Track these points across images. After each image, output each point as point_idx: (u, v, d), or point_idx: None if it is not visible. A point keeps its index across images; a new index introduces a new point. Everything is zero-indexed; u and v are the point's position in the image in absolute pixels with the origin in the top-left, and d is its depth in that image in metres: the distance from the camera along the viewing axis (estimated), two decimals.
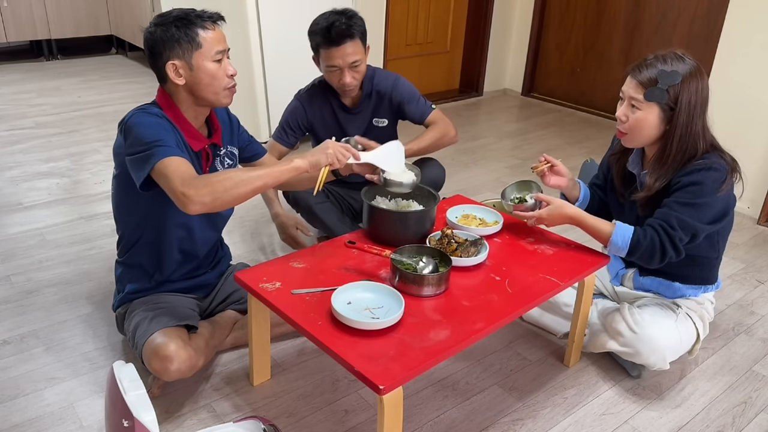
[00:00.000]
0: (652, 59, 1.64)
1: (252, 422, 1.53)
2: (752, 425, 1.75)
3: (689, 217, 1.62)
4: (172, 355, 1.58)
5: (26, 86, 4.89)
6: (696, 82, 1.61)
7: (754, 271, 2.58)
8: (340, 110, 2.37)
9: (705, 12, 3.95)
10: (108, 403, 1.45)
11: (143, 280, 1.79)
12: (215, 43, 1.59)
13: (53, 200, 2.94)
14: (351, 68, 2.18)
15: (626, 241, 1.66)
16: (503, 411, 1.76)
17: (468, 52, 5.15)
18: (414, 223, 1.78)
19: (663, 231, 1.63)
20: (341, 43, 2.12)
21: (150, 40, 1.58)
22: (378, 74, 2.37)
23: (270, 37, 3.32)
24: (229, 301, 1.95)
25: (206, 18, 1.59)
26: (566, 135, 4.32)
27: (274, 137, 2.40)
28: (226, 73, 1.62)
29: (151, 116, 1.57)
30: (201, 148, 1.69)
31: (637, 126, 1.66)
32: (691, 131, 1.64)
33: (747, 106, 2.96)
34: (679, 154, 1.66)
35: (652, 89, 1.61)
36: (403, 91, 2.36)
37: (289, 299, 1.52)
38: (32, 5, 5.36)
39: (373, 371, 1.28)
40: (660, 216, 1.65)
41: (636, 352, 1.77)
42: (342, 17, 2.13)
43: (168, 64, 1.57)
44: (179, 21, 1.56)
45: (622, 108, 1.69)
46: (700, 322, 1.85)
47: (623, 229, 1.67)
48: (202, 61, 1.58)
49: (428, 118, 2.37)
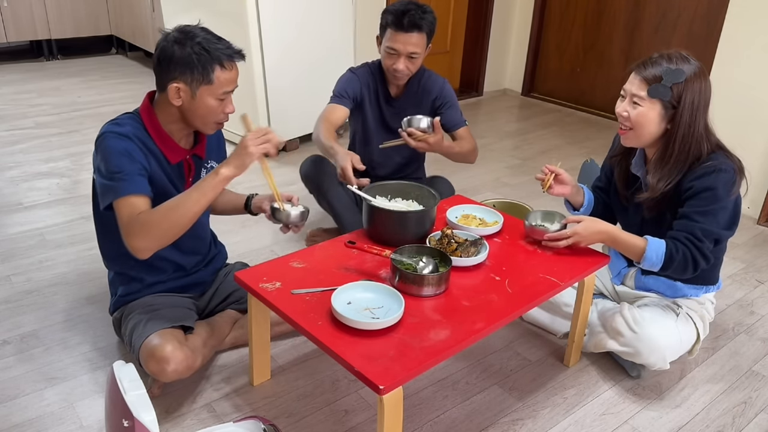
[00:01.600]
0: (657, 57, 1.64)
1: (252, 422, 1.53)
2: (752, 425, 1.75)
3: (710, 225, 1.63)
4: (168, 356, 1.58)
5: (26, 86, 4.89)
6: (699, 82, 1.62)
7: (754, 271, 2.58)
8: (383, 98, 2.43)
9: (705, 12, 3.95)
10: (108, 403, 1.45)
11: (133, 284, 1.79)
12: (227, 83, 1.58)
13: (53, 200, 2.94)
14: (408, 57, 2.25)
15: (660, 257, 1.65)
16: (503, 411, 1.76)
17: (468, 52, 5.15)
18: (414, 223, 1.78)
19: (692, 244, 1.63)
20: (409, 30, 2.20)
21: (164, 52, 1.55)
22: (428, 76, 2.44)
23: (270, 37, 3.32)
24: (229, 301, 1.95)
25: (228, 56, 1.56)
26: (566, 135, 4.32)
27: (332, 102, 2.38)
28: (224, 110, 1.62)
29: (121, 140, 1.55)
30: (180, 160, 1.68)
31: (639, 122, 1.66)
32: (694, 131, 1.64)
33: (747, 106, 2.96)
34: (682, 155, 1.66)
35: (656, 86, 1.61)
36: (448, 95, 2.43)
37: (289, 299, 1.52)
38: (32, 5, 5.36)
39: (373, 371, 1.28)
40: (683, 228, 1.65)
41: (636, 352, 1.77)
42: (419, 10, 2.20)
43: (172, 84, 1.56)
44: (201, 49, 1.53)
45: (623, 104, 1.69)
46: (700, 322, 1.85)
47: (656, 245, 1.66)
48: (206, 96, 1.57)
49: (459, 130, 2.44)
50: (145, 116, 1.63)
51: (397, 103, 2.43)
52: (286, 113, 3.55)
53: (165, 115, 1.63)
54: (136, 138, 1.59)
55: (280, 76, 3.44)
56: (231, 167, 1.53)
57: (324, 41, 3.59)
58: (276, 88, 3.45)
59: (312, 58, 3.55)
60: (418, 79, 2.41)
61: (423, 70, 2.43)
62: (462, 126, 2.44)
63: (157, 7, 4.73)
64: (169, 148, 1.65)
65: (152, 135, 1.62)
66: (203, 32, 1.58)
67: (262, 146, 1.53)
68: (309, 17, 3.48)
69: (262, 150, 1.53)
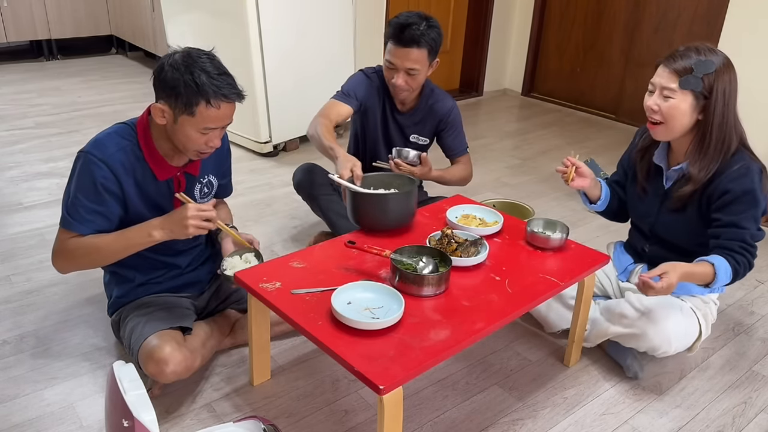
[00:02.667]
0: (686, 49, 1.65)
1: (252, 422, 1.53)
2: (752, 425, 1.75)
3: (755, 229, 1.67)
4: (167, 357, 1.58)
5: (26, 86, 4.89)
6: (729, 73, 1.64)
7: (754, 271, 2.54)
8: (390, 110, 2.40)
9: (705, 12, 3.95)
10: (108, 403, 1.45)
11: (127, 284, 1.79)
12: (210, 120, 1.53)
13: (53, 200, 2.94)
14: (407, 73, 2.20)
15: (729, 275, 1.66)
16: (503, 411, 1.76)
17: (468, 52, 5.15)
18: (394, 207, 1.81)
19: (746, 252, 1.67)
20: (407, 46, 2.15)
21: (159, 70, 1.54)
22: (437, 94, 2.40)
23: (270, 37, 3.31)
24: (229, 301, 1.95)
25: (220, 95, 1.51)
26: (566, 135, 4.32)
27: (335, 97, 2.36)
28: (207, 143, 1.59)
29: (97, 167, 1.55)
30: (169, 177, 1.68)
31: (671, 114, 1.66)
32: (728, 120, 1.67)
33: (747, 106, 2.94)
34: (719, 143, 1.68)
35: (687, 77, 1.61)
36: (454, 120, 2.40)
37: (289, 299, 1.52)
38: (32, 5, 5.36)
39: (373, 371, 1.28)
40: (735, 237, 1.67)
41: (642, 333, 1.76)
42: (422, 23, 2.14)
43: (157, 104, 1.55)
44: (191, 80, 1.48)
45: (652, 98, 1.69)
46: (703, 320, 1.85)
47: (721, 264, 1.64)
48: (187, 126, 1.54)
49: (460, 156, 2.44)
50: (140, 130, 1.63)
51: (403, 117, 2.40)
52: (286, 113, 3.55)
53: (156, 131, 1.63)
54: (122, 154, 1.59)
55: (280, 76, 3.44)
56: (164, 233, 1.56)
57: (324, 42, 3.59)
58: (276, 87, 3.45)
59: (312, 58, 3.55)
60: (426, 97, 2.37)
61: (432, 88, 2.39)
62: (462, 154, 2.43)
63: (157, 7, 4.73)
64: (159, 166, 1.65)
65: (143, 150, 1.62)
66: (209, 62, 1.53)
67: (201, 227, 1.54)
68: (309, 18, 3.48)
69: (200, 232, 1.55)
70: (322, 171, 2.50)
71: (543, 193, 3.26)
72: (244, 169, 3.39)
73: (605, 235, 2.79)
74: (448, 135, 2.41)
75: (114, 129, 1.64)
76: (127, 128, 1.64)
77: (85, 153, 1.58)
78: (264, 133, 3.55)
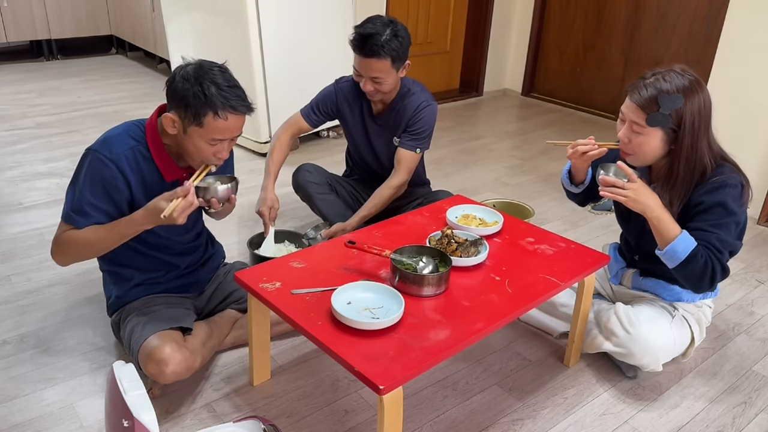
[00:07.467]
0: (651, 80, 1.59)
1: (252, 422, 1.53)
2: (752, 425, 1.75)
3: (727, 237, 1.60)
4: (166, 358, 1.58)
5: (26, 86, 4.89)
6: (698, 99, 1.58)
7: (754, 271, 2.58)
8: (367, 114, 2.39)
9: (705, 12, 3.95)
10: (108, 403, 1.45)
11: (125, 283, 1.79)
12: (219, 131, 1.54)
13: (53, 200, 2.94)
14: (372, 81, 2.18)
15: (685, 251, 1.57)
16: (503, 411, 1.76)
17: (468, 52, 5.15)
18: None
19: (712, 253, 1.59)
20: (368, 56, 2.13)
21: (172, 80, 1.55)
22: (413, 93, 2.32)
23: (270, 37, 3.31)
24: (228, 301, 1.95)
25: (228, 106, 1.52)
26: (566, 135, 4.32)
27: (301, 112, 2.43)
28: (216, 154, 1.59)
29: (105, 166, 1.55)
30: (176, 178, 1.68)
31: (641, 150, 1.64)
32: (697, 150, 1.61)
33: (747, 106, 2.96)
34: (688, 174, 1.64)
35: (655, 115, 1.57)
36: (423, 116, 2.29)
37: (289, 299, 1.52)
38: (32, 5, 5.36)
39: (373, 371, 1.28)
40: (701, 238, 1.60)
41: (629, 353, 1.76)
42: (385, 32, 2.09)
43: (168, 114, 1.56)
44: (202, 91, 1.50)
45: (623, 130, 1.66)
46: (696, 325, 1.85)
47: (688, 239, 1.59)
48: (196, 137, 1.55)
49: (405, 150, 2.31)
50: (149, 131, 1.63)
51: (379, 119, 2.38)
52: (286, 113, 3.53)
53: (166, 135, 1.63)
54: (130, 154, 1.59)
55: (280, 76, 3.44)
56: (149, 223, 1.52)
57: (324, 42, 3.59)
58: (276, 88, 3.45)
59: (312, 58, 3.55)
60: (402, 97, 2.32)
61: (409, 87, 2.32)
62: (408, 149, 2.30)
63: (157, 7, 4.73)
64: (166, 167, 1.65)
65: (152, 151, 1.63)
66: (220, 75, 1.54)
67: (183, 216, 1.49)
68: (309, 16, 3.48)
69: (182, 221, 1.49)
70: (320, 171, 2.51)
71: (543, 193, 3.26)
72: (244, 169, 3.39)
73: (605, 235, 2.79)
74: (408, 131, 2.32)
75: (123, 128, 1.64)
76: (136, 128, 1.64)
77: (94, 151, 1.58)
78: (264, 133, 3.55)
